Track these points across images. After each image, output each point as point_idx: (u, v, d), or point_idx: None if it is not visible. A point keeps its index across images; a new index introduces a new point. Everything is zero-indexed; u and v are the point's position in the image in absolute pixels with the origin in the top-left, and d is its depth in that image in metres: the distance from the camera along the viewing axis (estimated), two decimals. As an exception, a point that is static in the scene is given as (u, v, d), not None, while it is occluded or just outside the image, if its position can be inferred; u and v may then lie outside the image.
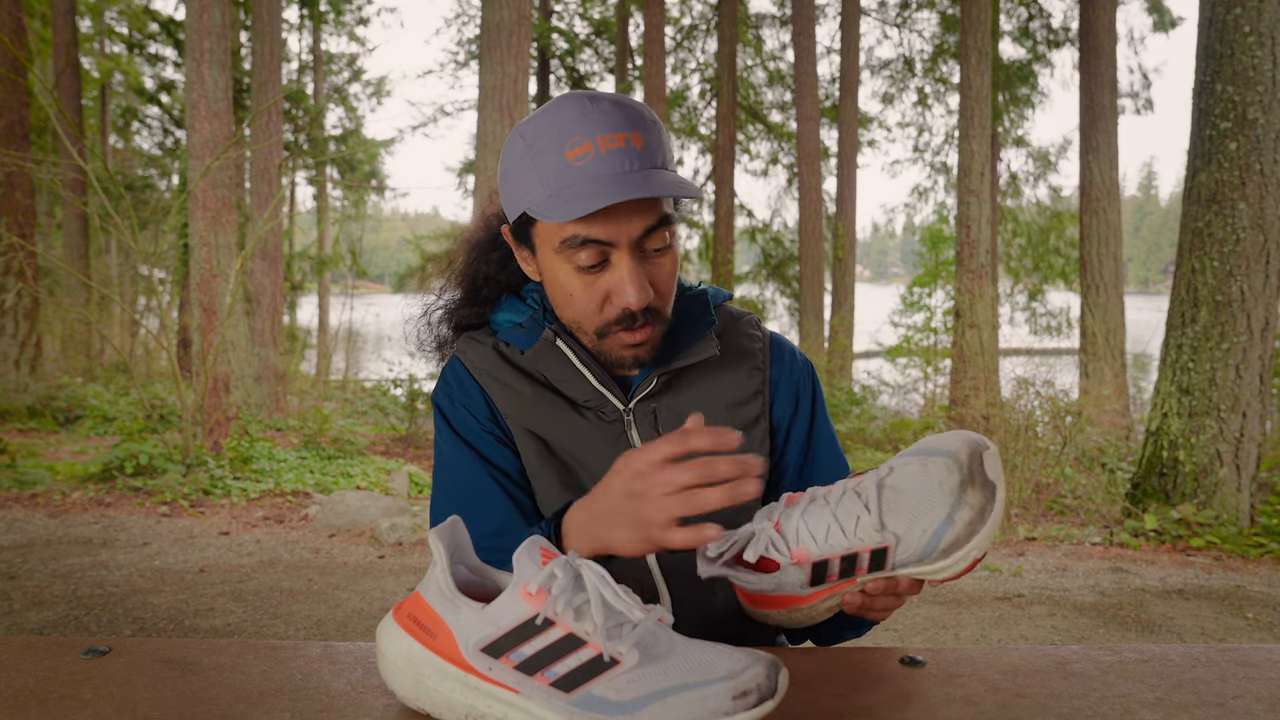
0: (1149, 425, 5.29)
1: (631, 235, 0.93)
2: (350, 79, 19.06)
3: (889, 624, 3.64)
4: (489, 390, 1.05)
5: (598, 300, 0.96)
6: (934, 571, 0.79)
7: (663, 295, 0.98)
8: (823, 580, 0.81)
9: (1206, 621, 3.68)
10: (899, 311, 12.92)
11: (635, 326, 0.96)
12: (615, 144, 0.90)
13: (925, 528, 0.77)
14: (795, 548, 0.79)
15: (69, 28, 12.40)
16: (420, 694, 0.71)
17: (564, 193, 0.90)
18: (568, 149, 0.91)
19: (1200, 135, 4.98)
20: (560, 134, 0.91)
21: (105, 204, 6.69)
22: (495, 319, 1.08)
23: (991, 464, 0.79)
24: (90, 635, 2.45)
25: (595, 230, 0.92)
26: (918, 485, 0.78)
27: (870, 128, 17.38)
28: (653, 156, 0.93)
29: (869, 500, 0.78)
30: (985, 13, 9.05)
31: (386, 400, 9.49)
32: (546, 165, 0.92)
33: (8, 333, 9.01)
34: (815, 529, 0.79)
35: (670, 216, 0.95)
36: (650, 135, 0.93)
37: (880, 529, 0.77)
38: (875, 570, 0.80)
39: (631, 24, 14.74)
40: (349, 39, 20.80)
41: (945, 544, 0.77)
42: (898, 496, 0.78)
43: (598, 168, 0.90)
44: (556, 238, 0.94)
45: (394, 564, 4.50)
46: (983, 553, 0.78)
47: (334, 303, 16.87)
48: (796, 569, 0.80)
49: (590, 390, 1.03)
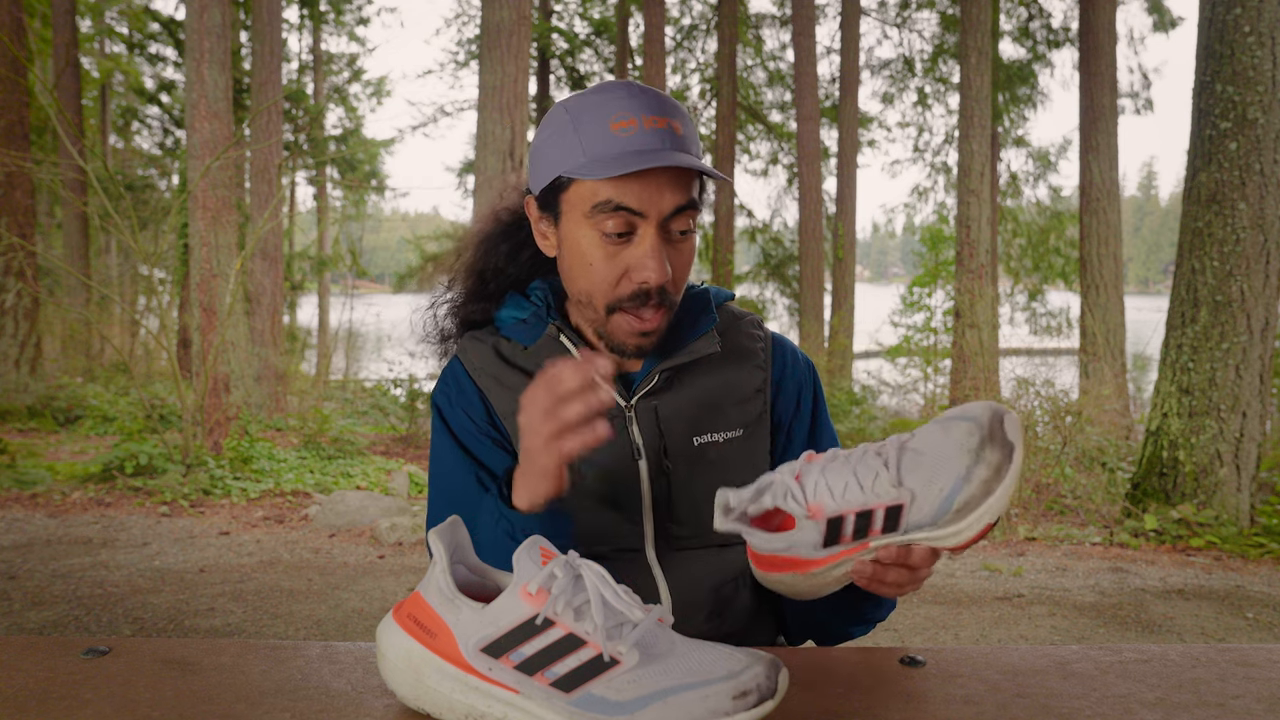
0: (1149, 425, 5.29)
1: (662, 210, 0.95)
2: (350, 79, 19.06)
3: (889, 624, 3.64)
4: (487, 391, 1.06)
5: (616, 273, 0.97)
6: (946, 536, 0.79)
7: (677, 281, 0.99)
8: (836, 540, 0.81)
9: (1206, 621, 3.68)
10: (899, 311, 12.92)
11: (647, 306, 0.97)
12: (659, 124, 0.95)
13: (942, 486, 0.78)
14: (812, 501, 0.79)
15: (69, 28, 12.40)
16: (420, 694, 0.71)
17: (605, 156, 0.93)
18: (613, 121, 0.95)
19: (1200, 135, 4.98)
20: (606, 108, 0.95)
21: (105, 204, 6.69)
22: (499, 315, 1.09)
23: (1012, 426, 0.79)
24: (90, 635, 2.45)
25: (630, 198, 0.94)
26: (938, 447, 0.79)
27: (870, 128, 17.38)
28: (688, 145, 0.97)
29: (889, 459, 0.79)
30: (985, 13, 9.05)
31: (386, 400, 9.50)
32: (591, 133, 0.95)
33: (8, 333, 9.01)
34: (834, 483, 0.79)
35: (697, 203, 0.98)
36: (687, 127, 0.98)
37: (898, 484, 0.78)
38: (889, 532, 0.80)
39: (631, 24, 14.74)
40: (349, 39, 20.82)
41: (960, 503, 0.78)
42: (918, 457, 0.79)
43: (642, 140, 0.94)
44: (589, 202, 0.95)
45: (394, 564, 4.50)
46: (995, 517, 0.78)
47: (334, 303, 16.89)
48: (811, 524, 0.80)
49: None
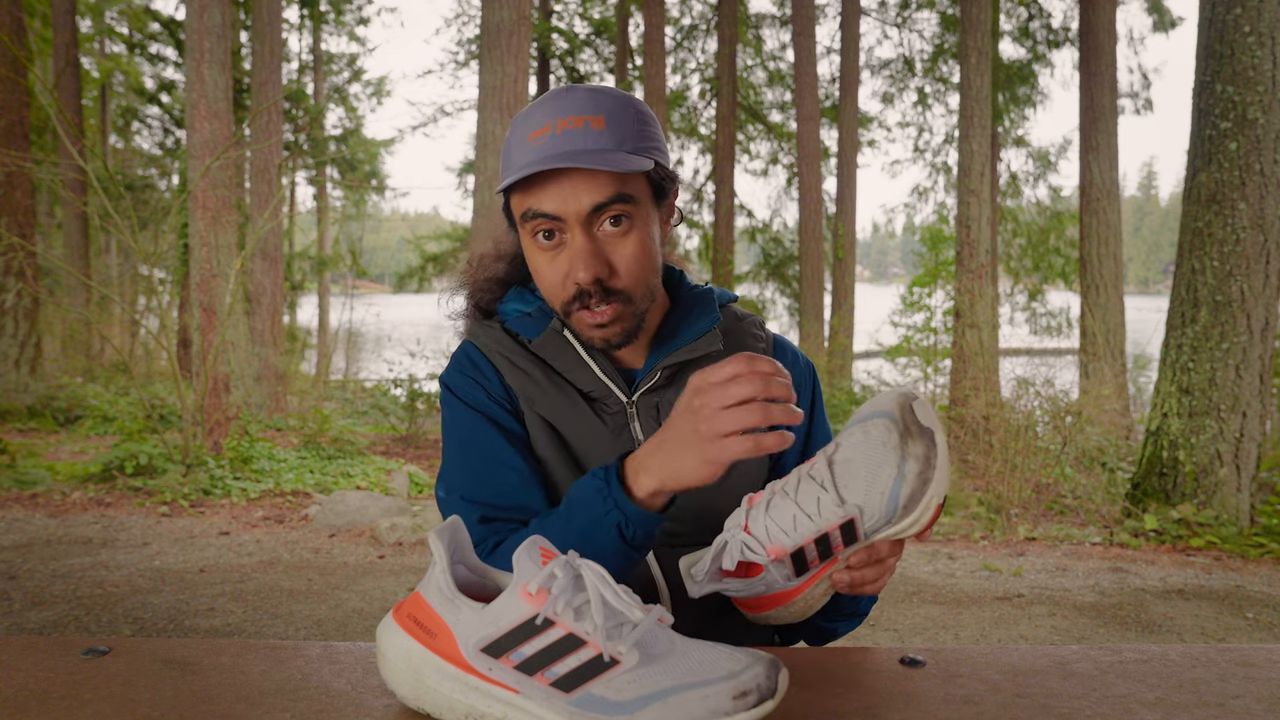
0: (1149, 425, 5.29)
1: (580, 211, 0.94)
2: (350, 79, 19.06)
3: (889, 624, 3.64)
4: (503, 371, 1.05)
5: (559, 277, 0.97)
6: (904, 529, 0.80)
7: (624, 275, 0.97)
8: (806, 568, 0.83)
9: (1206, 621, 3.68)
10: (899, 311, 12.90)
11: (592, 305, 0.96)
12: (573, 125, 0.93)
13: (882, 490, 0.78)
14: (770, 545, 0.81)
15: (69, 28, 12.40)
16: (420, 694, 0.71)
17: (514, 167, 0.95)
18: (531, 131, 0.95)
19: (1200, 135, 4.98)
20: (529, 118, 0.96)
21: (105, 204, 6.69)
22: (503, 308, 1.09)
23: (923, 411, 0.80)
24: (90, 635, 2.45)
25: (544, 203, 0.94)
26: (863, 452, 0.80)
27: (870, 128, 17.38)
28: (616, 139, 0.93)
29: (823, 480, 0.80)
30: (985, 13, 9.05)
31: (386, 400, 9.50)
32: (515, 146, 0.97)
33: (8, 333, 9.01)
34: (783, 521, 0.80)
35: (627, 196, 0.95)
36: (617, 121, 0.94)
37: (841, 504, 0.79)
38: (850, 544, 0.81)
39: (631, 24, 14.74)
40: (349, 39, 20.80)
41: (904, 500, 0.79)
42: (848, 468, 0.80)
43: (550, 146, 0.93)
44: (519, 212, 0.97)
45: (394, 564, 4.50)
46: (942, 498, 0.79)
47: (334, 303, 16.88)
48: (777, 565, 0.81)
49: (594, 381, 1.03)
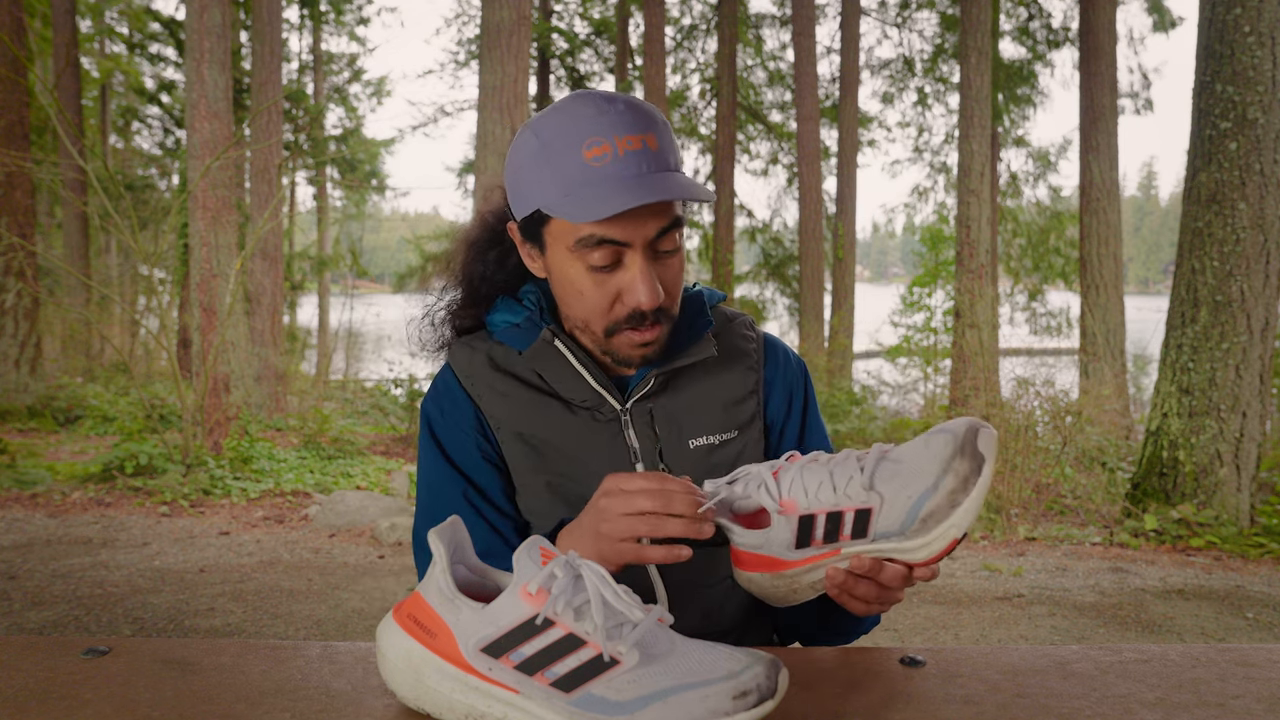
0: (1149, 425, 5.29)
1: (646, 236, 0.93)
2: (350, 79, 19.04)
3: (889, 624, 3.64)
4: (479, 399, 1.05)
5: (608, 299, 0.96)
6: (913, 549, 0.80)
7: (671, 295, 0.99)
8: (808, 542, 0.82)
9: (1206, 621, 3.68)
10: (899, 311, 12.92)
11: (644, 325, 0.97)
12: (633, 146, 0.91)
13: (910, 494, 0.79)
14: (786, 497, 0.81)
15: (69, 28, 12.40)
16: (420, 694, 0.71)
17: (582, 192, 0.90)
18: (585, 149, 0.90)
19: (1200, 135, 4.98)
20: (577, 132, 0.91)
21: (105, 204, 6.69)
22: (491, 320, 1.08)
23: (986, 441, 0.79)
24: (90, 635, 2.45)
25: (613, 231, 0.92)
26: (914, 457, 0.80)
27: (870, 128, 17.37)
28: (666, 159, 0.93)
29: (866, 465, 0.81)
30: (985, 13, 9.05)
31: (386, 400, 9.50)
32: (563, 164, 0.91)
33: (8, 333, 9.01)
34: (809, 483, 0.81)
35: (681, 219, 0.96)
36: (663, 137, 0.94)
37: (868, 489, 0.79)
38: (858, 538, 0.81)
39: (631, 24, 14.74)
40: (349, 39, 20.80)
41: (925, 513, 0.78)
42: (895, 466, 0.80)
43: (616, 169, 0.90)
44: (571, 237, 0.94)
45: (394, 564, 4.50)
46: (962, 532, 0.79)
47: (334, 303, 16.88)
48: (783, 521, 0.81)
49: (588, 390, 1.03)
